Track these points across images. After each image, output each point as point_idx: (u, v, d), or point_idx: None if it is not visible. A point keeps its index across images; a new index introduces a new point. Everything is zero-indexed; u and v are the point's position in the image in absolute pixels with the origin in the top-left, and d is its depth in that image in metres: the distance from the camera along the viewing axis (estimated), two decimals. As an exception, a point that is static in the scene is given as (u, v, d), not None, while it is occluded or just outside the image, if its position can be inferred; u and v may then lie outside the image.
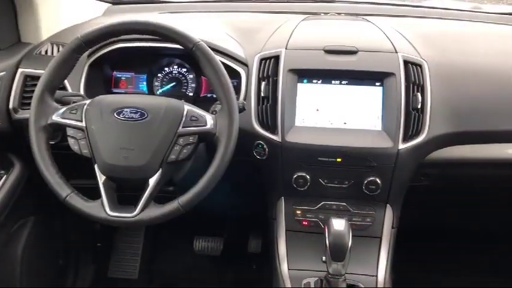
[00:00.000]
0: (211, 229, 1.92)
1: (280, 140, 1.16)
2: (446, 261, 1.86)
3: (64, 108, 1.06)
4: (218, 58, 1.07)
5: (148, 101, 1.05)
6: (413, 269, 1.74)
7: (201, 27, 1.41)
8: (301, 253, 1.21)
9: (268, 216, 1.29)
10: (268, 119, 1.18)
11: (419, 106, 1.15)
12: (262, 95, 1.19)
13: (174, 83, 1.38)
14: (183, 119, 1.02)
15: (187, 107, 1.05)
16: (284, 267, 1.19)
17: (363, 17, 1.54)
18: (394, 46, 1.24)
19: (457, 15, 1.64)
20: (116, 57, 1.34)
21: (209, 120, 1.03)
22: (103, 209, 1.01)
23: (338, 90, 1.20)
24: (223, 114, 1.03)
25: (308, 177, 1.18)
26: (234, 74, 1.24)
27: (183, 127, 1.02)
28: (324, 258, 1.06)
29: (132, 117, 1.02)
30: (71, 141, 1.04)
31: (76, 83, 1.27)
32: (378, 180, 1.16)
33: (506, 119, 1.21)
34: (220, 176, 1.01)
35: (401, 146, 1.14)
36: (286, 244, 1.22)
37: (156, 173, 1.01)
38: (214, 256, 1.89)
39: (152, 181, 1.01)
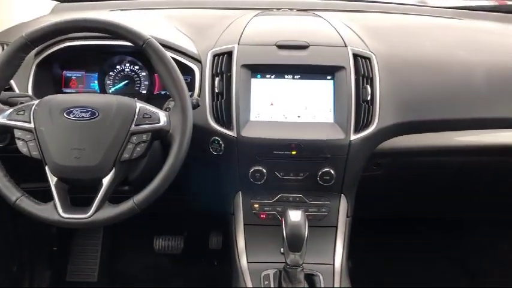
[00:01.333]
0: (171, 228, 1.91)
1: (235, 135, 1.17)
2: (401, 248, 1.93)
3: (10, 110, 1.03)
4: (170, 55, 1.06)
5: (99, 100, 1.03)
6: (369, 256, 1.80)
7: (152, 24, 1.40)
8: (260, 246, 1.22)
9: (226, 212, 1.30)
10: (223, 114, 1.18)
11: (368, 98, 1.19)
12: (216, 91, 1.20)
13: (126, 81, 1.36)
14: (136, 116, 1.01)
15: (139, 105, 1.04)
16: (243, 261, 1.20)
17: (314, 12, 1.56)
18: (343, 40, 1.27)
19: (403, 9, 1.69)
20: (65, 56, 1.31)
21: (162, 117, 1.03)
22: (56, 211, 0.99)
23: (291, 84, 1.22)
24: (176, 111, 1.03)
25: (264, 171, 1.19)
26: (187, 71, 1.23)
27: (135, 125, 1.01)
28: (282, 249, 1.08)
29: (83, 117, 1.00)
30: (19, 143, 1.01)
31: (23, 84, 1.23)
32: (332, 171, 1.19)
33: (451, 108, 1.27)
34: (175, 173, 1.01)
35: (353, 137, 1.17)
36: (245, 238, 1.24)
37: (110, 172, 1.00)
38: (175, 255, 1.88)
39: (106, 181, 1.00)
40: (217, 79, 1.20)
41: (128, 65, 1.36)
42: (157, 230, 1.90)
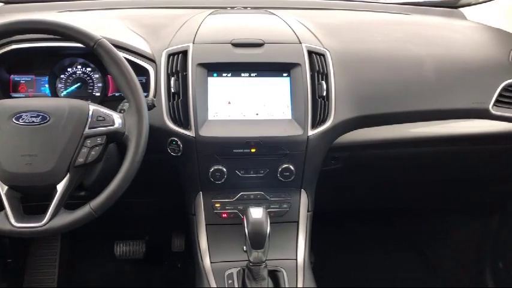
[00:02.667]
0: (132, 232, 1.87)
1: (194, 135, 1.16)
2: (362, 239, 1.97)
3: None
4: (122, 55, 1.04)
5: (50, 104, 1.00)
6: (331, 249, 1.83)
7: (104, 25, 1.36)
8: (223, 245, 1.22)
9: (187, 213, 1.29)
10: (180, 114, 1.17)
11: (324, 94, 1.20)
12: (172, 90, 1.18)
13: (79, 84, 1.32)
14: (89, 119, 0.99)
15: (92, 107, 1.01)
16: (206, 261, 1.20)
17: (268, 10, 1.57)
18: (298, 37, 1.28)
19: (355, 6, 1.73)
20: (11, 59, 1.25)
21: (117, 119, 1.00)
22: (7, 220, 0.95)
23: (248, 82, 1.22)
24: (131, 112, 1.01)
25: (224, 169, 1.19)
26: (141, 71, 1.21)
27: (89, 128, 0.98)
28: (245, 247, 1.08)
29: (33, 122, 0.96)
30: None
31: (-33, 89, 1.18)
32: (292, 167, 1.20)
33: (403, 101, 1.30)
34: (133, 176, 0.99)
35: (311, 132, 1.18)
36: (207, 238, 1.23)
37: (64, 178, 0.97)
38: (137, 260, 1.85)
39: (60, 187, 0.97)
40: (172, 79, 1.19)
41: (79, 67, 1.32)
42: (118, 235, 1.86)
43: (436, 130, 1.36)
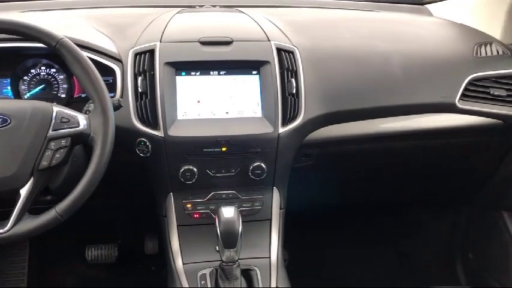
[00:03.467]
0: (104, 236, 1.84)
1: (162, 135, 1.14)
2: (335, 235, 1.98)
3: None
4: (86, 55, 1.02)
5: (11, 106, 0.97)
6: (305, 246, 1.83)
7: (67, 24, 1.33)
8: (195, 246, 1.20)
9: (158, 214, 1.27)
10: (149, 114, 1.15)
11: (294, 91, 1.21)
12: (139, 90, 1.16)
13: (43, 85, 1.28)
14: (53, 121, 0.96)
15: (56, 109, 0.98)
16: (178, 263, 1.18)
17: (237, 8, 1.56)
18: (266, 35, 1.27)
19: (323, 4, 1.74)
20: (-29, 61, 1.21)
21: (82, 120, 0.98)
22: None
23: (217, 80, 1.21)
24: (96, 113, 0.98)
25: (195, 169, 1.18)
26: (107, 71, 1.18)
27: (53, 130, 0.95)
28: (217, 247, 1.07)
29: None
30: None
31: None
32: (263, 165, 1.20)
33: (372, 96, 1.31)
34: (100, 178, 0.96)
35: (281, 130, 1.18)
36: (179, 240, 1.21)
37: (28, 182, 0.94)
38: (109, 264, 1.81)
39: (24, 191, 0.94)
40: (140, 78, 1.17)
41: (43, 68, 1.29)
42: (89, 239, 1.82)
43: (405, 125, 1.38)
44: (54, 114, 0.97)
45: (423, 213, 1.94)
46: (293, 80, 1.21)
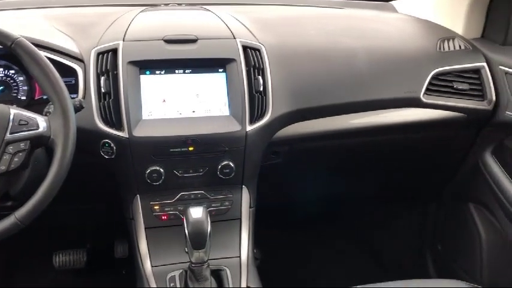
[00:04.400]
0: (72, 241, 1.79)
1: (127, 136, 1.11)
2: (307, 232, 1.99)
3: None
4: (45, 55, 0.99)
5: None
6: (277, 244, 1.83)
7: (25, 24, 1.29)
8: (164, 248, 1.18)
9: (125, 217, 1.24)
10: (112, 115, 1.12)
11: (261, 89, 1.20)
12: (103, 90, 1.13)
13: (1, 88, 1.24)
14: (10, 124, 0.92)
15: (14, 111, 0.94)
16: (147, 266, 1.16)
17: (203, 6, 1.55)
18: (232, 33, 1.26)
19: (291, 1, 1.74)
20: None
21: (41, 122, 0.95)
22: None
23: (183, 79, 1.19)
24: (56, 115, 0.95)
25: (162, 170, 1.15)
26: (69, 72, 1.15)
27: (10, 133, 0.92)
28: (186, 249, 1.05)
29: None
30: None
31: None
32: (232, 164, 1.19)
33: (339, 93, 1.32)
34: (61, 182, 0.93)
35: (249, 128, 1.17)
36: (147, 242, 1.19)
37: None
38: (78, 269, 1.77)
39: (-19, 198, 0.90)
40: (102, 78, 1.14)
41: (1, 69, 1.24)
42: (57, 245, 1.77)
43: (372, 120, 1.39)
44: (11, 116, 0.93)
45: (393, 207, 1.97)
46: (260, 78, 1.20)
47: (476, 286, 1.15)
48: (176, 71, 1.18)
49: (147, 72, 1.17)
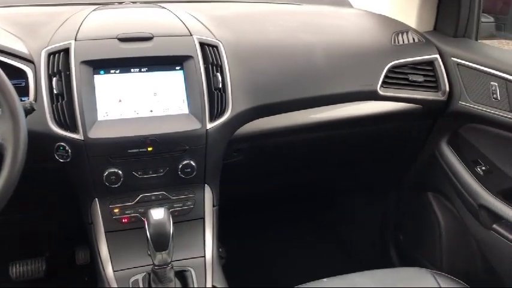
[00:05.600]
0: (30, 250, 1.72)
1: (82, 138, 1.08)
2: (274, 228, 1.99)
3: None
4: None
5: None
6: (242, 242, 1.82)
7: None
8: (126, 252, 1.16)
9: (84, 222, 1.20)
10: (66, 117, 1.08)
11: (220, 86, 1.19)
12: (55, 92, 1.09)
13: None
14: None
15: None
16: (109, 271, 1.13)
17: (159, 4, 1.52)
18: (188, 30, 1.25)
19: (246, -2, 1.74)
20: None
21: None
22: None
23: (139, 78, 1.16)
24: (5, 119, 0.91)
25: (120, 172, 1.12)
26: (18, 73, 1.10)
27: None
28: (149, 251, 1.03)
29: None
30: None
31: None
32: (193, 163, 1.17)
33: (297, 88, 1.32)
34: (13, 188, 0.89)
35: (209, 125, 1.16)
36: (108, 247, 1.16)
37: None
38: (38, 279, 1.70)
39: None
40: (54, 79, 1.10)
41: None
42: (13, 254, 1.69)
43: (332, 114, 1.40)
44: None
45: (355, 198, 2.00)
46: (218, 75, 1.19)
47: (436, 272, 1.18)
48: (132, 70, 1.16)
49: (102, 72, 1.14)
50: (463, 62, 1.39)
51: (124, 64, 1.15)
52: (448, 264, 1.60)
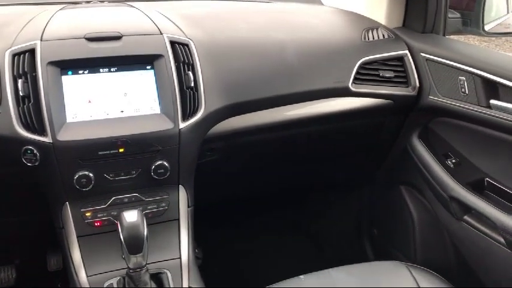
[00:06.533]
0: None
1: (51, 141, 1.05)
2: (249, 227, 1.99)
3: None
4: None
5: None
6: (219, 242, 1.82)
7: None
8: (99, 256, 1.13)
9: (55, 227, 1.17)
10: (33, 119, 1.05)
11: (192, 84, 1.17)
12: (21, 94, 1.06)
13: None
14: None
15: None
16: (82, 276, 1.10)
17: (128, 3, 1.49)
18: (158, 28, 1.23)
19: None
20: None
21: None
22: None
23: (108, 78, 1.14)
24: None
25: (91, 175, 1.10)
26: None
27: None
28: (123, 254, 1.01)
29: None
30: None
31: None
32: (166, 163, 1.15)
33: (270, 86, 1.32)
34: None
35: (182, 125, 1.14)
36: (81, 251, 1.13)
37: None
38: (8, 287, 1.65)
39: None
40: (20, 81, 1.06)
41: None
42: None
43: (307, 111, 1.41)
44: None
45: (331, 195, 2.01)
46: (190, 73, 1.18)
47: (411, 265, 1.20)
48: (101, 70, 1.13)
49: (69, 73, 1.11)
50: (431, 57, 1.41)
51: (92, 64, 1.12)
52: (422, 257, 1.63)
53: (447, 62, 1.36)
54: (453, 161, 1.43)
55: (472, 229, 1.33)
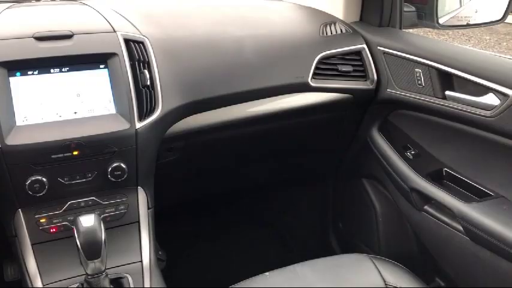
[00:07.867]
0: None
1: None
2: (215, 226, 1.97)
3: None
4: None
5: None
6: (184, 242, 1.79)
7: None
8: (56, 264, 1.09)
9: (7, 235, 1.12)
10: None
11: (148, 83, 1.14)
12: None
13: None
14: None
15: None
16: (38, 285, 1.06)
17: (79, 0, 1.45)
18: (112, 26, 1.19)
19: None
20: None
21: None
22: None
23: (60, 79, 1.09)
24: None
25: (45, 179, 1.05)
26: None
27: None
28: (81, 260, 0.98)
29: None
30: None
31: None
32: (123, 165, 1.12)
33: (229, 83, 1.31)
34: None
35: (139, 125, 1.11)
36: (36, 259, 1.09)
37: None
38: (-40, 302, 1.57)
39: None
40: None
41: None
42: None
43: (268, 108, 1.41)
44: None
45: (295, 190, 2.02)
46: (146, 72, 1.15)
47: (375, 256, 1.21)
48: (52, 71, 1.09)
49: (18, 74, 1.06)
50: (388, 50, 1.43)
51: (42, 64, 1.08)
52: (385, 248, 1.65)
53: (403, 55, 1.38)
54: (412, 152, 1.45)
55: (432, 219, 1.35)
